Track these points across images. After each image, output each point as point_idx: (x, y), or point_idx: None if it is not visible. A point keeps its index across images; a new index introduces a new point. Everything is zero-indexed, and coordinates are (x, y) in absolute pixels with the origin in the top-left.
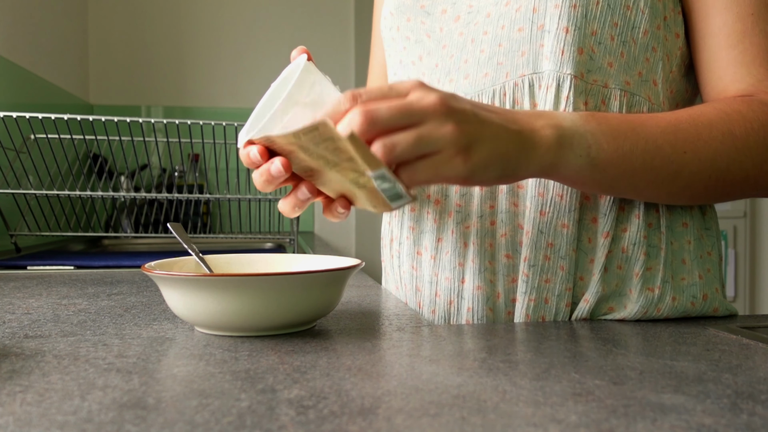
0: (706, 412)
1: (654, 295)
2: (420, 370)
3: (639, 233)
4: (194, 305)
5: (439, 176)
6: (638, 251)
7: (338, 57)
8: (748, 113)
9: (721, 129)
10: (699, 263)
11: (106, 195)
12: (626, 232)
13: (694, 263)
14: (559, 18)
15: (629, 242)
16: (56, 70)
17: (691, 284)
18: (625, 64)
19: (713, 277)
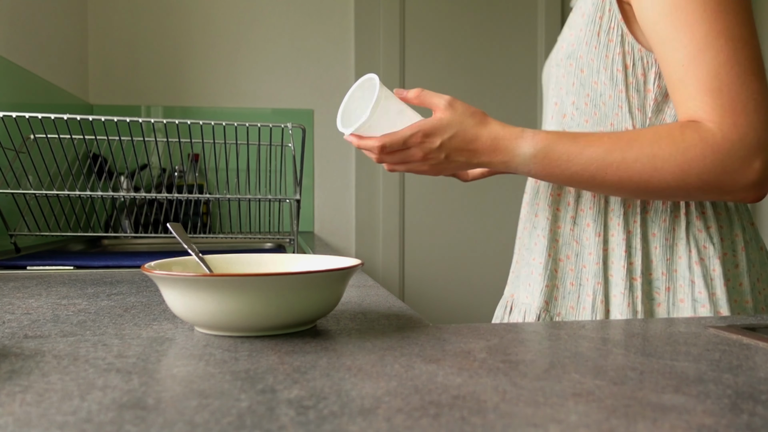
0: (707, 413)
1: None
2: (420, 370)
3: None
4: (194, 305)
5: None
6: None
7: (338, 57)
8: (678, 138)
9: (645, 152)
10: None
11: (106, 195)
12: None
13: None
14: (550, 97)
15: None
16: (56, 70)
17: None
18: (598, 120)
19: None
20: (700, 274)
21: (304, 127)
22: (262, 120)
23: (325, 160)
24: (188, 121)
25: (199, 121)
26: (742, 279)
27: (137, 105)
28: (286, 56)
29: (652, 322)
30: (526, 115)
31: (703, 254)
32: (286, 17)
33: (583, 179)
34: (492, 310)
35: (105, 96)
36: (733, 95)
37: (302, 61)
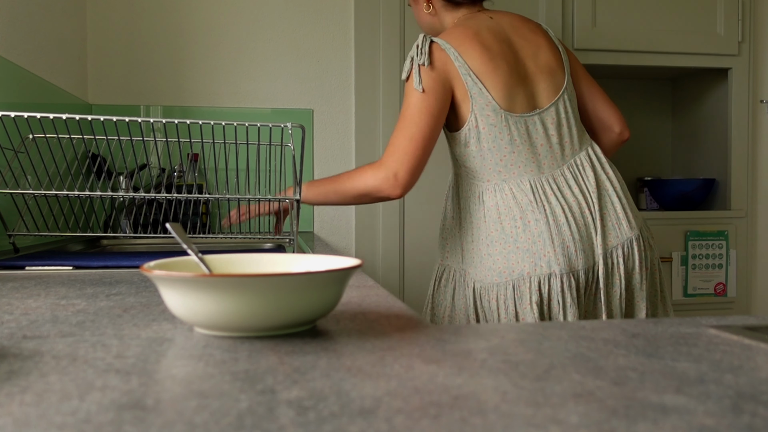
0: (708, 413)
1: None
2: (420, 370)
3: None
4: (193, 305)
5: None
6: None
7: (338, 57)
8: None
9: (345, 180)
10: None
11: (105, 195)
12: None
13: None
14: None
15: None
16: (55, 70)
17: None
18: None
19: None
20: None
21: (303, 127)
22: (262, 120)
23: (325, 160)
24: (188, 121)
25: (199, 120)
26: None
27: (136, 105)
28: (286, 56)
29: (653, 322)
30: None
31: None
32: (286, 17)
33: (325, 199)
34: None
35: (104, 96)
36: (392, 150)
37: (302, 61)
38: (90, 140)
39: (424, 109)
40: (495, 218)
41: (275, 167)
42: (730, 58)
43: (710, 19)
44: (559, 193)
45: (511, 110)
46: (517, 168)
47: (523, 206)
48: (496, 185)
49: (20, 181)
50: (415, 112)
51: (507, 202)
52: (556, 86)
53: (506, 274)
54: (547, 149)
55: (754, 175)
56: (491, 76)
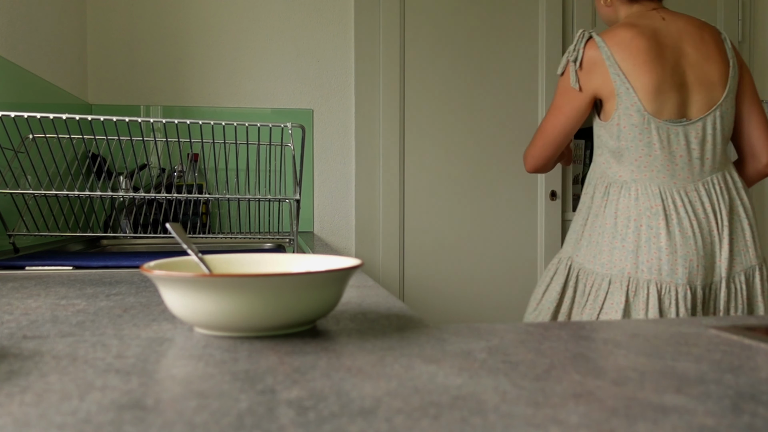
0: (708, 413)
1: None
2: (420, 370)
3: None
4: (193, 306)
5: None
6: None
7: (338, 57)
8: None
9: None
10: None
11: (105, 195)
12: None
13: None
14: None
15: None
16: (55, 70)
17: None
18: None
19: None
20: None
21: (303, 126)
22: (262, 120)
23: (325, 160)
24: (188, 121)
25: (199, 120)
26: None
27: (136, 105)
28: (286, 56)
29: (653, 322)
30: (527, 115)
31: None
32: (286, 17)
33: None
34: (492, 311)
35: (104, 96)
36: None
37: (302, 61)
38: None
39: (564, 107)
40: (612, 212)
41: (275, 167)
42: None
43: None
44: (690, 206)
45: (656, 115)
46: (649, 172)
47: (642, 210)
48: (624, 183)
49: (20, 181)
50: (558, 108)
51: (627, 202)
52: (711, 101)
53: (608, 267)
54: (685, 161)
55: None
56: (642, 78)
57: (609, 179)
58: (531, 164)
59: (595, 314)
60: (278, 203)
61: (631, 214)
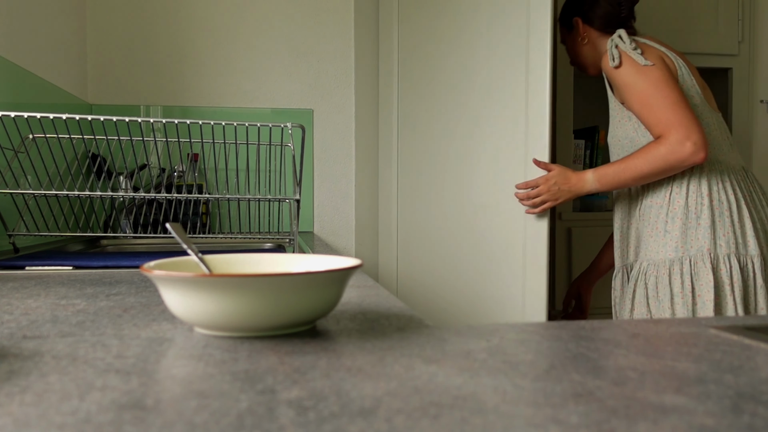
0: (708, 413)
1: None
2: (420, 370)
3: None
4: (193, 305)
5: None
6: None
7: (338, 57)
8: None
9: (638, 163)
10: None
11: (105, 195)
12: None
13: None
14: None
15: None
16: (55, 70)
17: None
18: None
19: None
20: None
21: (303, 126)
22: (262, 120)
23: (325, 160)
24: (188, 121)
25: (199, 120)
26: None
27: (136, 105)
28: (286, 56)
29: (653, 322)
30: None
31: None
32: (286, 17)
33: (621, 182)
34: (491, 311)
35: (104, 96)
36: (669, 124)
37: (302, 61)
38: (90, 140)
39: (665, 78)
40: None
41: (275, 167)
42: (730, 58)
43: (710, 19)
44: (758, 185)
45: (708, 101)
46: (720, 150)
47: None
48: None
49: (20, 181)
50: (659, 83)
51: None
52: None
53: (682, 250)
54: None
55: (755, 174)
56: (688, 70)
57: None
58: (706, 141)
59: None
60: (278, 203)
61: (703, 193)
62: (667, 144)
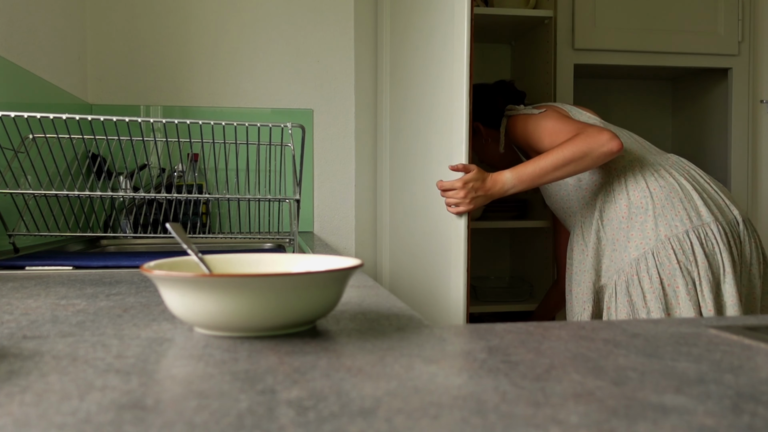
0: (708, 413)
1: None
2: (420, 370)
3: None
4: (193, 306)
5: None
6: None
7: (338, 57)
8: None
9: (556, 154)
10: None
11: (105, 195)
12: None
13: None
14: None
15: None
16: (54, 70)
17: None
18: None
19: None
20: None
21: (303, 126)
22: (262, 120)
23: (325, 160)
24: (188, 121)
25: (199, 120)
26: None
27: (136, 105)
28: (286, 56)
29: (653, 322)
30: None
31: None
32: (286, 17)
33: (541, 176)
34: (427, 313)
35: (104, 96)
36: (581, 127)
37: (302, 61)
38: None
39: (561, 115)
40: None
41: (275, 167)
42: (730, 58)
43: (710, 19)
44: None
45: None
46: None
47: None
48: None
49: (20, 181)
50: (559, 117)
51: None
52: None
53: (642, 246)
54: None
55: (755, 174)
56: (578, 109)
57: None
58: (615, 134)
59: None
60: (278, 203)
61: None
62: (584, 134)
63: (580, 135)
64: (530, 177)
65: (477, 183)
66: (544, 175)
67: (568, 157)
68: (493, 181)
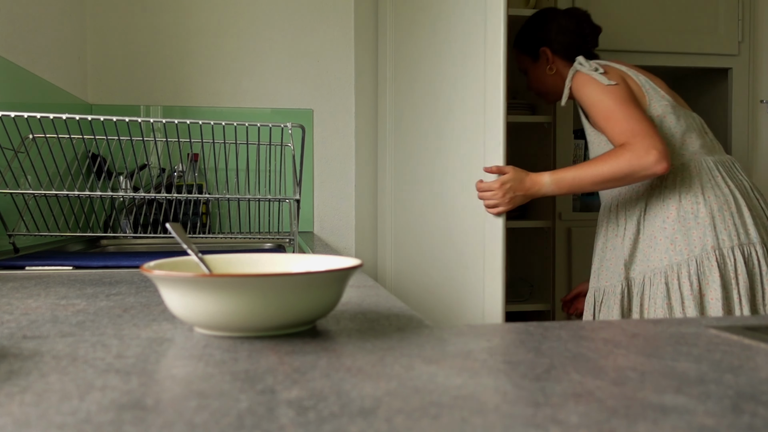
0: (708, 413)
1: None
2: (420, 370)
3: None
4: (193, 305)
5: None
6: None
7: (338, 57)
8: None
9: (598, 166)
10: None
11: (105, 195)
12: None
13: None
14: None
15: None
16: (55, 70)
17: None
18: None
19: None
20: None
21: (303, 126)
22: (262, 120)
23: (325, 160)
24: (188, 121)
25: (199, 120)
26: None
27: (136, 105)
28: (286, 56)
29: (653, 322)
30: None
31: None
32: (286, 17)
33: (579, 186)
34: (454, 313)
35: (104, 96)
36: (633, 133)
37: (302, 61)
38: (90, 140)
39: (627, 96)
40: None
41: (275, 167)
42: (730, 58)
43: (710, 19)
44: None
45: (680, 104)
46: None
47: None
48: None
49: (20, 181)
50: (622, 100)
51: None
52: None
53: (686, 252)
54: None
55: (755, 174)
56: (652, 83)
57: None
58: (669, 154)
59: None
60: (278, 203)
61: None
62: (632, 150)
63: (626, 150)
64: (568, 186)
65: (515, 183)
66: (582, 187)
67: (608, 175)
68: (532, 182)
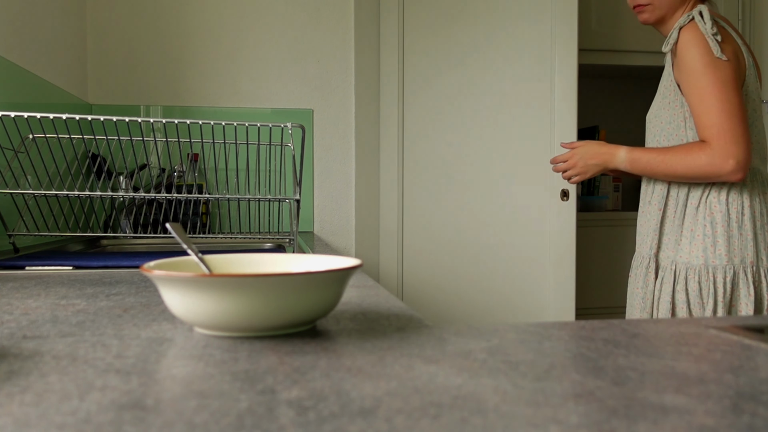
0: (708, 413)
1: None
2: (420, 370)
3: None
4: (193, 305)
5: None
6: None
7: (338, 57)
8: (692, 149)
9: (676, 157)
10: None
11: (105, 195)
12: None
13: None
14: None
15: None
16: (55, 70)
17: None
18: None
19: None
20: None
21: (303, 126)
22: (262, 120)
23: (325, 160)
24: (188, 121)
25: (199, 120)
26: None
27: (136, 105)
28: (286, 56)
29: (653, 322)
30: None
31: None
32: (286, 17)
33: (651, 172)
34: (492, 311)
35: (104, 96)
36: (720, 132)
37: (302, 61)
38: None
39: (732, 80)
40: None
41: (275, 167)
42: None
43: None
44: None
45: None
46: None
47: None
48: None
49: (20, 181)
50: (725, 84)
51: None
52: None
53: (726, 258)
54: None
55: None
56: (755, 70)
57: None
58: (750, 162)
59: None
60: (278, 203)
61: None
62: (710, 154)
63: (705, 152)
64: (641, 169)
65: (589, 152)
66: (653, 174)
67: (680, 172)
68: (607, 151)
